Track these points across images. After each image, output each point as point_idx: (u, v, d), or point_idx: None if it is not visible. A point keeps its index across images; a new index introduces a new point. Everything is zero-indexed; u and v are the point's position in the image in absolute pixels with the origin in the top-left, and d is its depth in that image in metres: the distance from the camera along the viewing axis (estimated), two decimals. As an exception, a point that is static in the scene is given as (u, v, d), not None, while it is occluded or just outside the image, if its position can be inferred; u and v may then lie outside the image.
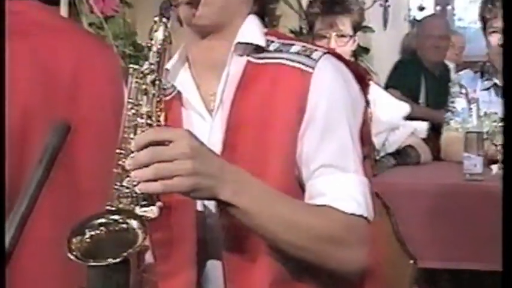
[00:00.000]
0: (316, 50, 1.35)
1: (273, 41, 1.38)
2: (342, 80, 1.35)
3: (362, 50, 4.58)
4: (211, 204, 1.31)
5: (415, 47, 5.03)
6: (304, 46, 1.36)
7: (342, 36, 2.89)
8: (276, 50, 1.36)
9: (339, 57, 1.39)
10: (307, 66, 1.32)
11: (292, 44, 1.37)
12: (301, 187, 1.34)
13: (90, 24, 2.53)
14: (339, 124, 1.32)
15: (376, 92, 3.10)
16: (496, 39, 3.03)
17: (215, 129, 1.35)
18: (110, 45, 2.22)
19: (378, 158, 2.94)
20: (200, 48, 1.38)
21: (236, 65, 1.35)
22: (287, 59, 1.34)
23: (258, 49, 1.36)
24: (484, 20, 3.12)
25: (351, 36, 2.92)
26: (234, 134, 1.33)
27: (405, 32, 5.93)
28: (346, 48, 2.90)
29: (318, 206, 1.29)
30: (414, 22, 6.07)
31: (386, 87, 4.35)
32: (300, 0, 4.48)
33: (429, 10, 7.12)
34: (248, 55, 1.36)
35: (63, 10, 2.50)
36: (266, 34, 1.38)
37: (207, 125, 1.36)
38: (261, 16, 1.41)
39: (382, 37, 5.61)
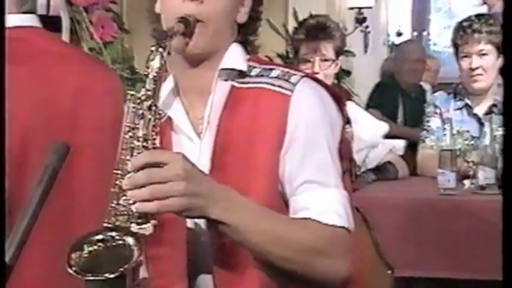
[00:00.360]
0: (294, 74, 1.36)
1: (254, 67, 1.38)
2: (319, 101, 1.35)
3: (344, 73, 4.58)
4: (201, 222, 1.30)
5: (393, 70, 5.04)
6: (283, 71, 1.37)
7: (325, 60, 2.87)
8: (257, 75, 1.37)
9: (316, 79, 1.40)
10: (286, 89, 1.33)
11: (273, 69, 1.38)
12: (285, 202, 1.34)
13: (90, 50, 2.52)
14: (318, 142, 1.33)
15: (357, 112, 3.10)
16: (467, 63, 3.05)
17: (204, 150, 1.35)
18: (111, 68, 2.21)
19: (359, 173, 2.94)
20: (189, 76, 1.38)
21: (221, 90, 1.36)
22: (268, 83, 1.35)
23: (241, 74, 1.37)
24: (455, 45, 3.14)
25: (333, 61, 2.90)
26: (221, 155, 1.33)
27: (384, 56, 5.99)
28: (329, 71, 2.90)
29: (302, 220, 1.29)
30: (392, 47, 6.13)
31: (367, 108, 4.37)
32: (287, 27, 4.49)
33: (406, 36, 7.20)
34: (232, 80, 1.36)
35: (65, 36, 2.50)
36: (248, 60, 1.39)
37: (196, 147, 1.36)
38: (244, 44, 1.42)
39: (363, 61, 5.65)
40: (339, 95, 1.42)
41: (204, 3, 1.29)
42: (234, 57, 1.37)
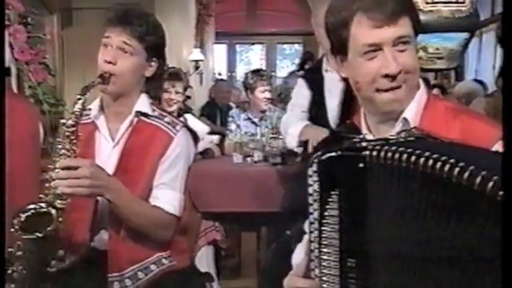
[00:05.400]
0: (178, 124, 1.34)
1: (155, 110, 1.36)
2: (187, 143, 1.35)
3: (187, 97, 4.57)
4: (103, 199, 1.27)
5: (214, 95, 5.05)
6: (171, 120, 1.34)
7: (178, 92, 2.83)
8: (156, 117, 1.34)
9: (189, 129, 1.39)
10: (173, 132, 1.32)
11: (165, 116, 1.35)
12: None
13: (29, 87, 2.33)
14: (179, 164, 1.32)
15: (193, 119, 3.12)
16: (250, 94, 3.19)
17: (113, 154, 1.32)
18: (28, 100, 2.03)
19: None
20: (111, 104, 1.34)
21: (132, 120, 1.33)
22: (162, 124, 1.33)
23: (145, 114, 1.35)
24: (245, 84, 3.23)
25: (182, 93, 2.88)
26: (125, 160, 1.30)
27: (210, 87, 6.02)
28: (179, 98, 2.86)
29: (154, 206, 1.30)
30: (216, 81, 6.18)
31: (200, 116, 4.38)
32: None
33: (224, 75, 7.34)
34: (140, 115, 1.34)
35: (14, 79, 2.30)
36: (152, 104, 1.36)
37: (109, 145, 1.33)
38: (149, 93, 1.38)
39: (199, 90, 5.69)
40: (196, 135, 1.41)
41: (117, 65, 1.26)
42: (143, 103, 1.34)
